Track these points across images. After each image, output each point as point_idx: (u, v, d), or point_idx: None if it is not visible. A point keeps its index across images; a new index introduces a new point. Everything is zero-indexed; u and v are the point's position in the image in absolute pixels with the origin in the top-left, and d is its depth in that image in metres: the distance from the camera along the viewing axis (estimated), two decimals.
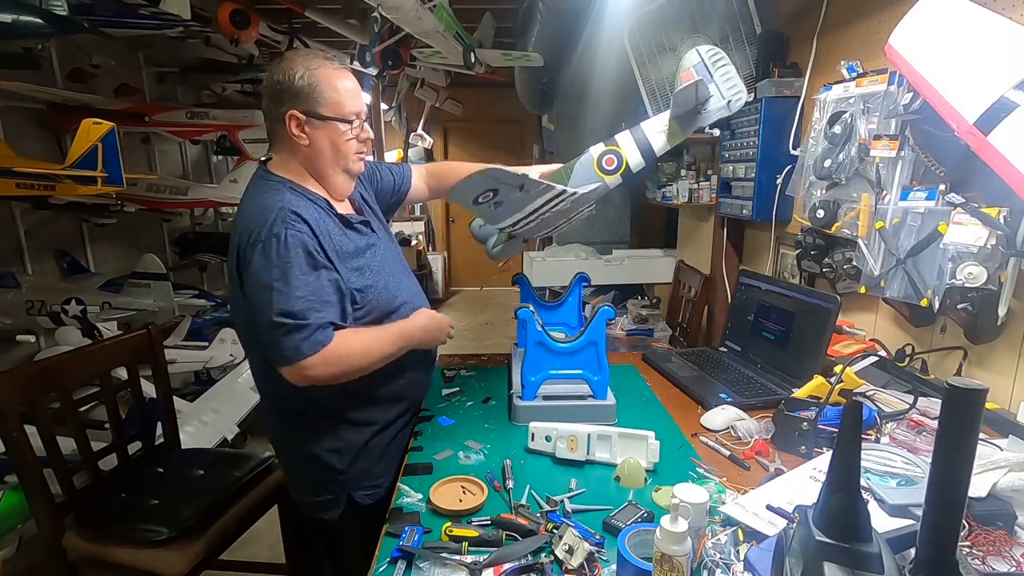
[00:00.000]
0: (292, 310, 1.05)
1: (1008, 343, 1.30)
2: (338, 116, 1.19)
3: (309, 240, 1.10)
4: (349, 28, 3.22)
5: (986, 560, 0.83)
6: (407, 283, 1.35)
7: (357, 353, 1.13)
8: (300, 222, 1.10)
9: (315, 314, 1.07)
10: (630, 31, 2.48)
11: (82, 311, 2.73)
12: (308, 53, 1.19)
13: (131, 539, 1.44)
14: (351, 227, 1.23)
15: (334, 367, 1.10)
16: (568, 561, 0.84)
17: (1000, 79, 1.11)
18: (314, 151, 1.19)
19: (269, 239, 1.08)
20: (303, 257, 1.08)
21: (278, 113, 1.16)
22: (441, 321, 1.33)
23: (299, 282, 1.07)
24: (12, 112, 2.70)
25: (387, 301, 1.25)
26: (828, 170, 1.65)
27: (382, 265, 1.26)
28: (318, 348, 1.06)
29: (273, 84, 1.16)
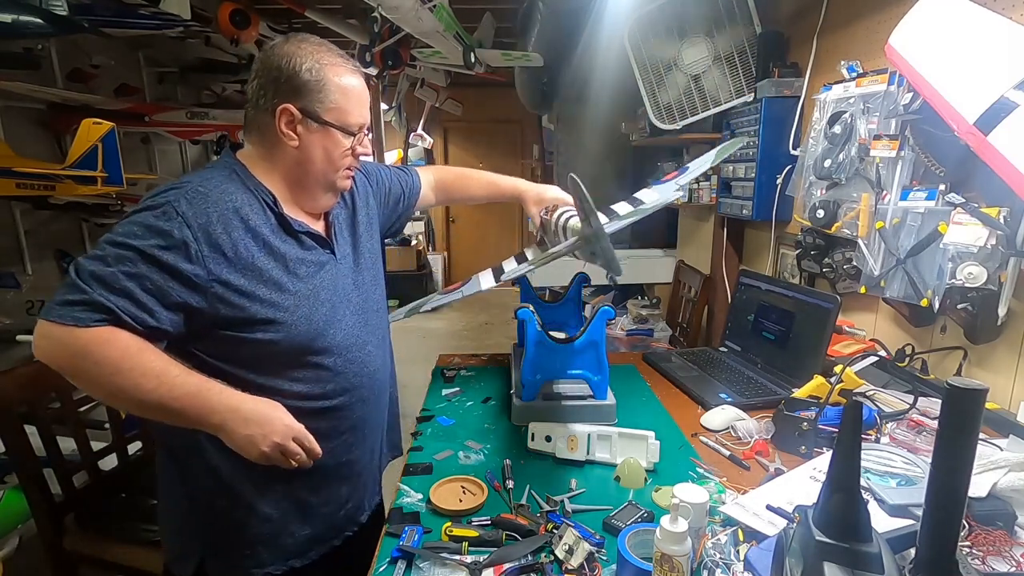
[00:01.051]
0: (86, 267, 0.84)
1: (1008, 343, 1.30)
2: (340, 124, 1.02)
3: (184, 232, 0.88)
4: (349, 28, 3.22)
5: (986, 560, 0.83)
6: (351, 323, 1.07)
7: (106, 362, 0.82)
8: (198, 203, 0.91)
9: (99, 292, 0.83)
10: (630, 31, 2.48)
11: None
12: (319, 43, 1.01)
13: (131, 539, 1.44)
14: (293, 235, 1.02)
15: (62, 354, 0.84)
16: (568, 561, 0.84)
17: (1000, 79, 1.11)
18: (302, 156, 1.01)
19: (145, 205, 0.90)
20: (156, 243, 0.86)
21: (268, 102, 0.98)
22: (277, 424, 0.91)
23: (124, 256, 0.85)
24: (12, 112, 2.70)
25: (306, 337, 0.99)
26: (828, 170, 1.65)
27: (315, 291, 1.01)
28: (63, 320, 0.81)
29: (270, 68, 0.98)
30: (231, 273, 0.91)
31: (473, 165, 7.03)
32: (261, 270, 0.95)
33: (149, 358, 0.85)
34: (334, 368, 1.04)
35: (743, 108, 2.31)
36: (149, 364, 0.84)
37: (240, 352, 0.95)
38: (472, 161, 7.05)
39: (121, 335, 0.84)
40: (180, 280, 0.87)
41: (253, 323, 0.93)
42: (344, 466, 1.09)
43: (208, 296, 0.90)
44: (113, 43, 3.07)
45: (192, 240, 0.88)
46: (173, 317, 0.88)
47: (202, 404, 0.87)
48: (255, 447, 0.89)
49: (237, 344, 0.94)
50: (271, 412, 0.91)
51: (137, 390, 0.84)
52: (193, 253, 0.88)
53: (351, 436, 1.09)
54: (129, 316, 0.84)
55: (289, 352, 0.98)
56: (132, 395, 0.84)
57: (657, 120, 2.56)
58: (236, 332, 0.93)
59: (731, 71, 2.35)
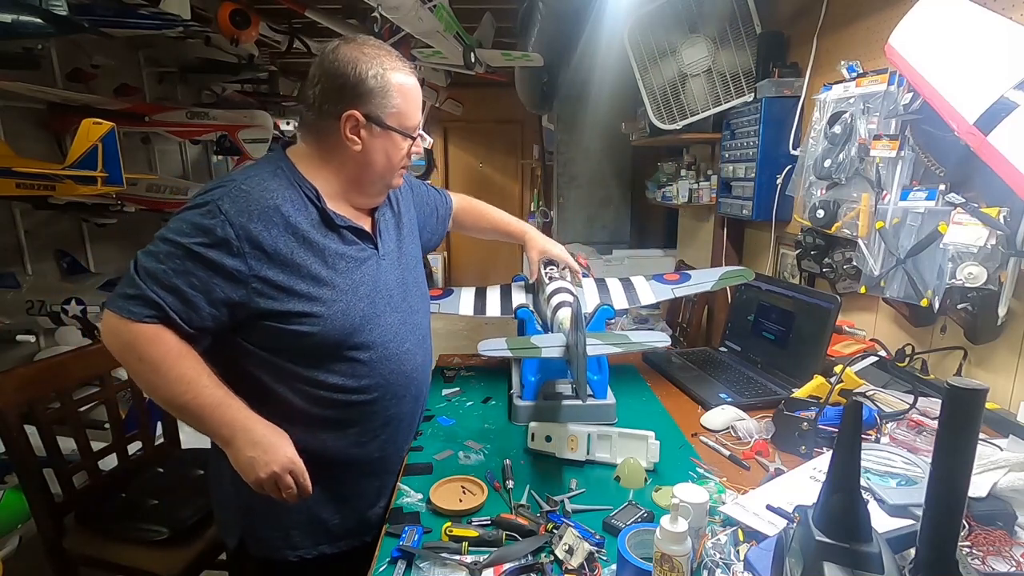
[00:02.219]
0: (142, 263, 0.94)
1: (1008, 343, 1.30)
2: (401, 128, 1.06)
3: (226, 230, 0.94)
4: (349, 28, 3.22)
5: (986, 560, 0.83)
6: (392, 320, 1.10)
7: (149, 359, 0.92)
8: (240, 201, 0.96)
9: (151, 288, 0.92)
10: (630, 31, 2.48)
11: (82, 311, 2.73)
12: (378, 47, 1.04)
13: (131, 539, 1.44)
14: (335, 230, 1.05)
15: (115, 343, 0.94)
16: (568, 561, 0.84)
17: (1000, 79, 1.11)
18: (363, 159, 1.05)
19: (193, 203, 0.97)
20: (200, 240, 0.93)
21: (332, 108, 1.02)
22: (280, 454, 0.95)
23: (173, 253, 0.93)
24: (12, 112, 2.70)
25: (342, 332, 1.02)
26: (828, 170, 1.65)
27: (355, 287, 1.05)
28: (119, 312, 0.92)
29: (334, 75, 1.01)
30: (270, 269, 0.97)
31: (473, 165, 7.04)
32: (299, 265, 0.99)
33: (186, 364, 0.94)
34: (370, 363, 1.07)
35: (743, 108, 2.31)
36: (184, 370, 0.93)
37: (281, 342, 1.00)
38: (472, 161, 7.05)
39: (167, 337, 0.93)
40: (223, 275, 0.94)
41: (291, 316, 0.98)
42: (376, 462, 1.13)
43: (248, 290, 0.96)
44: (113, 43, 3.07)
45: (234, 238, 0.94)
46: (216, 312, 0.95)
47: (220, 416, 0.94)
48: (254, 471, 0.95)
49: (278, 334, 0.99)
50: (278, 441, 0.97)
51: (169, 391, 0.93)
52: (235, 249, 0.94)
53: (383, 432, 1.12)
54: (176, 313, 0.93)
55: (326, 345, 1.02)
56: (164, 394, 0.94)
57: (657, 120, 2.56)
58: (276, 323, 0.98)
59: (731, 71, 2.35)
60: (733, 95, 2.36)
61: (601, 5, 2.55)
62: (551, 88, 4.45)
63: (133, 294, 0.92)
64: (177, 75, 3.80)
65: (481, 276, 7.45)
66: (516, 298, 1.53)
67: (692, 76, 2.42)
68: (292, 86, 5.30)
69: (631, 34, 2.49)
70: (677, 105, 2.49)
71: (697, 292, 1.58)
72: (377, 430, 1.11)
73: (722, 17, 2.32)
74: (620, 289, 1.53)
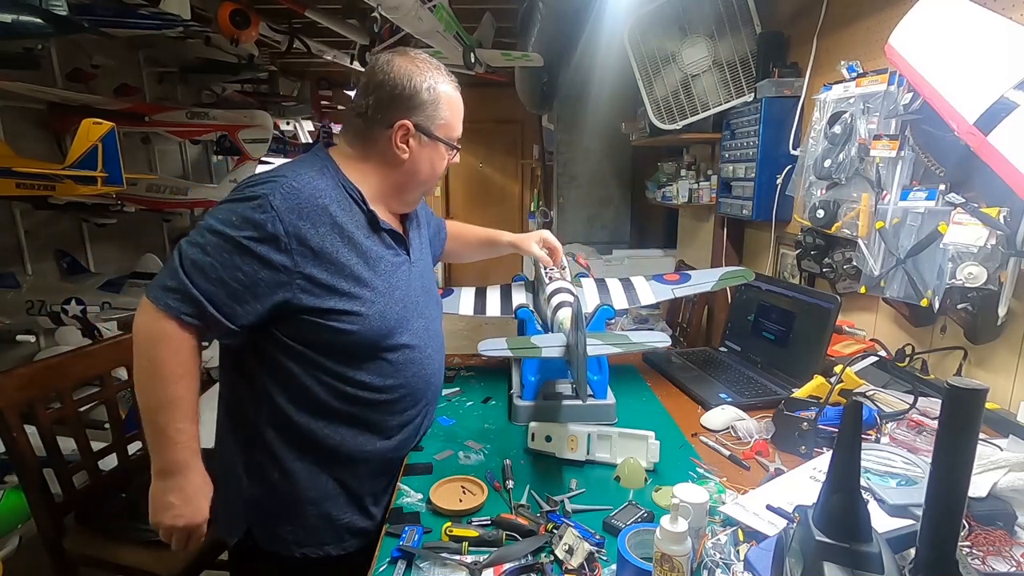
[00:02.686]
0: (188, 255, 0.93)
1: (1008, 343, 1.30)
2: (447, 139, 1.12)
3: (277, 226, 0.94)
4: (349, 28, 3.22)
5: (986, 560, 0.83)
6: (420, 326, 1.15)
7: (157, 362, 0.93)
8: (291, 198, 0.96)
9: (195, 281, 0.92)
10: (630, 31, 2.48)
11: (82, 311, 2.73)
12: (429, 61, 1.09)
13: (131, 539, 1.44)
14: (378, 232, 1.09)
15: (146, 330, 0.94)
16: (568, 561, 0.84)
17: (1000, 79, 1.11)
18: (410, 167, 1.10)
19: (243, 195, 0.97)
20: (251, 235, 0.93)
21: (384, 117, 1.05)
22: (194, 513, 0.99)
23: (222, 246, 0.93)
24: (12, 112, 2.70)
25: (379, 333, 1.06)
26: (828, 170, 1.65)
27: (392, 289, 1.08)
28: (157, 302, 0.92)
29: (390, 86, 1.04)
30: (315, 266, 0.98)
31: (473, 165, 7.03)
32: (343, 264, 1.01)
33: (182, 387, 0.95)
34: (397, 364, 1.10)
35: (743, 108, 2.31)
36: (177, 392, 0.95)
37: (319, 336, 1.02)
38: (472, 161, 7.05)
39: (186, 349, 0.95)
40: (269, 270, 0.95)
41: (332, 313, 1.00)
42: (388, 462, 1.15)
43: (293, 286, 0.97)
44: (113, 43, 3.07)
45: (283, 234, 0.95)
46: (259, 308, 0.96)
47: (173, 453, 0.96)
48: (165, 513, 0.99)
49: (317, 329, 1.01)
50: (199, 499, 1.00)
51: (152, 400, 0.95)
52: (283, 245, 0.95)
53: (399, 432, 1.15)
54: (217, 308, 0.93)
55: (362, 344, 1.05)
56: (145, 400, 0.95)
57: (657, 120, 2.56)
58: (316, 319, 1.00)
59: (731, 71, 2.35)
60: (733, 95, 2.36)
61: (601, 5, 2.55)
62: (551, 88, 4.45)
63: (174, 287, 0.93)
64: (177, 75, 3.81)
65: (481, 276, 7.45)
66: (516, 298, 1.53)
67: (692, 76, 2.42)
68: (292, 86, 5.31)
69: (631, 34, 2.49)
70: (677, 105, 2.49)
71: (697, 292, 1.58)
72: (394, 430, 1.13)
73: (722, 17, 2.32)
74: (620, 289, 1.53)
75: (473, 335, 5.62)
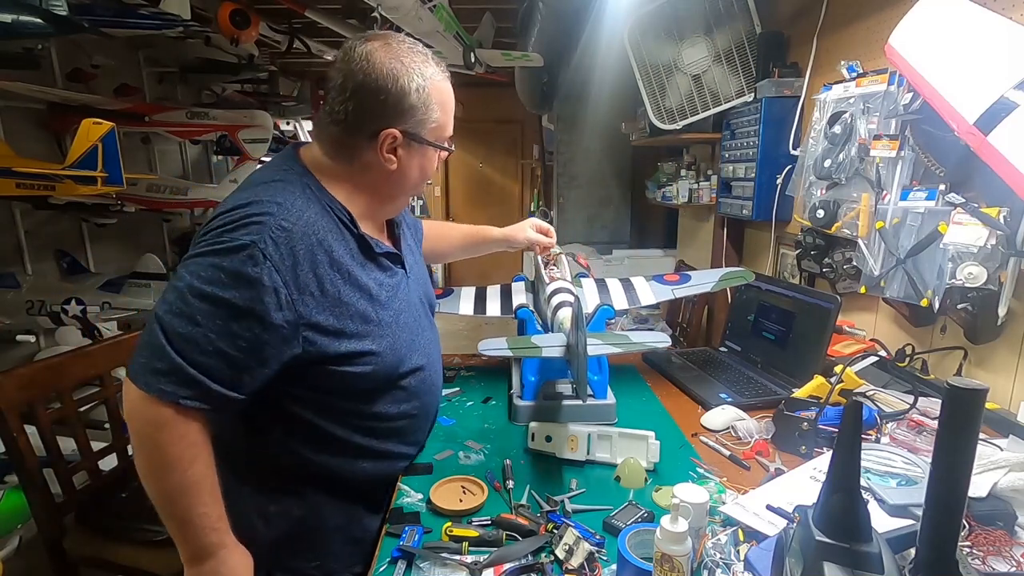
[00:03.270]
0: (175, 329, 0.80)
1: (1008, 343, 1.30)
2: (438, 141, 0.99)
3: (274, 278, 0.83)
4: (349, 28, 3.22)
5: (986, 560, 0.83)
6: (424, 341, 1.08)
7: (166, 452, 0.81)
8: (284, 243, 0.84)
9: (190, 358, 0.80)
10: (630, 31, 2.48)
11: (82, 311, 2.73)
12: (414, 50, 0.94)
13: (131, 539, 1.44)
14: (374, 259, 0.99)
15: (141, 420, 0.82)
16: (568, 561, 0.84)
17: (1000, 79, 1.11)
18: (398, 176, 0.97)
19: (226, 245, 0.82)
20: (246, 295, 0.81)
21: (368, 127, 0.92)
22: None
23: (213, 312, 0.80)
24: (12, 112, 2.70)
25: (393, 366, 0.99)
26: (828, 170, 1.65)
27: (397, 316, 1.00)
28: (148, 390, 0.79)
29: (373, 90, 0.89)
30: (320, 313, 0.89)
31: (473, 165, 7.03)
32: (347, 304, 0.92)
33: (198, 470, 0.83)
34: (410, 389, 1.05)
35: (743, 108, 2.31)
36: (193, 477, 0.83)
37: (331, 383, 0.94)
38: (472, 161, 7.05)
39: (190, 433, 0.82)
40: (272, 330, 0.84)
41: (344, 358, 0.92)
42: (399, 471, 1.12)
43: (300, 341, 0.87)
44: (113, 43, 3.07)
45: (282, 285, 0.84)
46: (267, 372, 0.86)
47: (202, 538, 0.86)
48: None
49: (330, 377, 0.93)
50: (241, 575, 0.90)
51: (166, 488, 0.83)
52: (283, 299, 0.84)
53: (415, 450, 1.14)
54: (220, 383, 0.82)
55: (377, 381, 0.98)
56: (158, 489, 0.84)
57: (657, 120, 2.56)
58: (329, 366, 0.92)
59: (731, 71, 2.35)
60: (733, 95, 2.36)
61: (601, 5, 2.55)
62: (551, 88, 4.45)
63: (164, 369, 0.79)
64: (177, 75, 3.81)
65: (481, 276, 7.44)
66: (516, 298, 1.53)
67: (692, 76, 2.42)
68: (292, 86, 5.31)
69: (631, 34, 2.48)
70: (677, 105, 2.49)
71: (697, 293, 1.58)
72: (409, 448, 1.12)
73: (722, 17, 2.32)
74: (620, 289, 1.53)
75: (473, 335, 5.62)
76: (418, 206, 6.76)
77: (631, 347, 1.15)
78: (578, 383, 1.02)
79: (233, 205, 0.88)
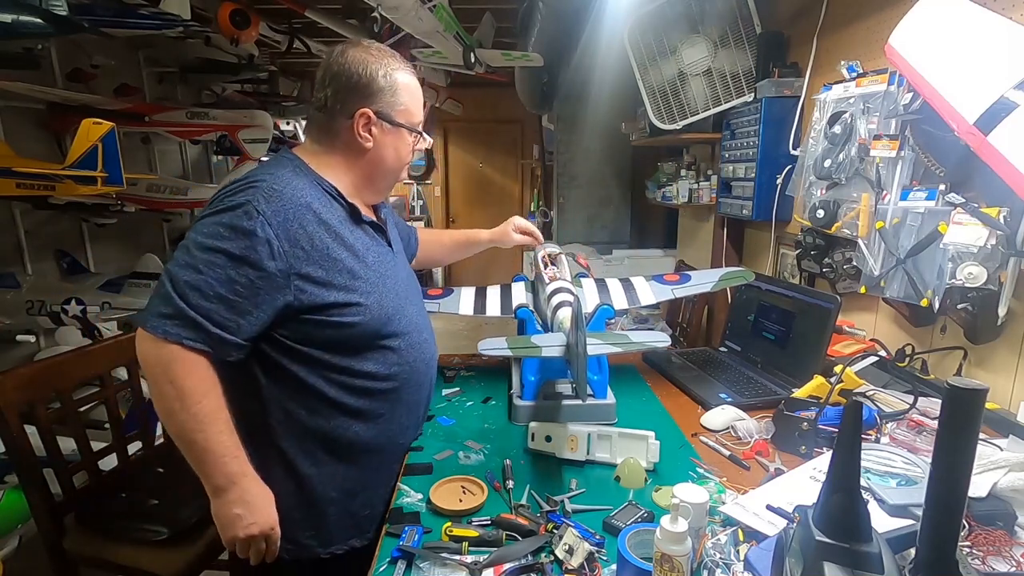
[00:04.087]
0: (180, 277, 0.91)
1: (1008, 343, 1.30)
2: (409, 124, 1.12)
3: (266, 230, 0.93)
4: (349, 28, 3.22)
5: (986, 560, 0.83)
6: (412, 313, 1.17)
7: (177, 386, 0.91)
8: (275, 201, 0.96)
9: (193, 303, 0.90)
10: (630, 31, 2.48)
11: (82, 311, 2.73)
12: (381, 49, 1.10)
13: (131, 539, 1.44)
14: (360, 224, 1.10)
15: (154, 361, 0.91)
16: (568, 561, 0.84)
17: (1000, 79, 1.11)
18: (375, 155, 1.10)
19: (225, 205, 0.94)
20: (242, 244, 0.92)
21: (344, 108, 1.06)
22: (264, 516, 0.97)
23: (214, 261, 0.91)
24: (12, 112, 2.70)
25: (379, 321, 1.07)
26: (828, 170, 1.65)
27: (382, 279, 1.10)
28: (155, 331, 0.90)
29: (347, 77, 1.05)
30: (309, 265, 0.98)
31: (473, 165, 7.04)
32: (336, 259, 1.02)
33: (210, 402, 0.93)
34: (398, 351, 1.12)
35: (743, 108, 2.31)
36: (206, 408, 0.92)
37: (321, 335, 1.02)
38: (472, 161, 7.05)
39: (201, 366, 0.92)
40: (266, 278, 0.94)
41: (332, 307, 1.01)
42: (398, 448, 1.18)
43: (291, 289, 0.97)
44: (113, 43, 3.06)
45: (274, 237, 0.94)
46: (263, 317, 0.95)
47: (222, 466, 0.94)
48: (234, 528, 0.96)
49: (319, 327, 1.01)
50: (266, 503, 0.99)
51: (184, 423, 0.92)
52: (276, 249, 0.94)
53: (406, 419, 1.17)
54: (220, 326, 0.92)
55: (365, 335, 1.06)
56: (177, 425, 0.93)
57: (657, 120, 2.56)
58: (317, 316, 1.00)
59: (731, 71, 2.35)
60: (733, 95, 2.36)
61: (601, 5, 2.55)
62: (551, 88, 4.45)
63: (170, 313, 0.90)
64: (177, 75, 3.80)
65: (481, 276, 7.44)
66: (516, 298, 1.53)
67: (692, 76, 2.42)
68: (292, 86, 5.30)
69: (631, 34, 2.49)
70: (677, 105, 2.49)
71: (697, 293, 1.58)
72: (401, 417, 1.15)
73: (722, 17, 2.32)
74: (620, 289, 1.53)
75: (473, 335, 5.61)
76: (418, 206, 6.77)
77: (631, 347, 1.15)
78: (578, 383, 1.03)
79: (231, 181, 1.03)
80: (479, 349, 1.14)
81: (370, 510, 1.12)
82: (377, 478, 1.13)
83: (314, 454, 1.06)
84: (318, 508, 1.08)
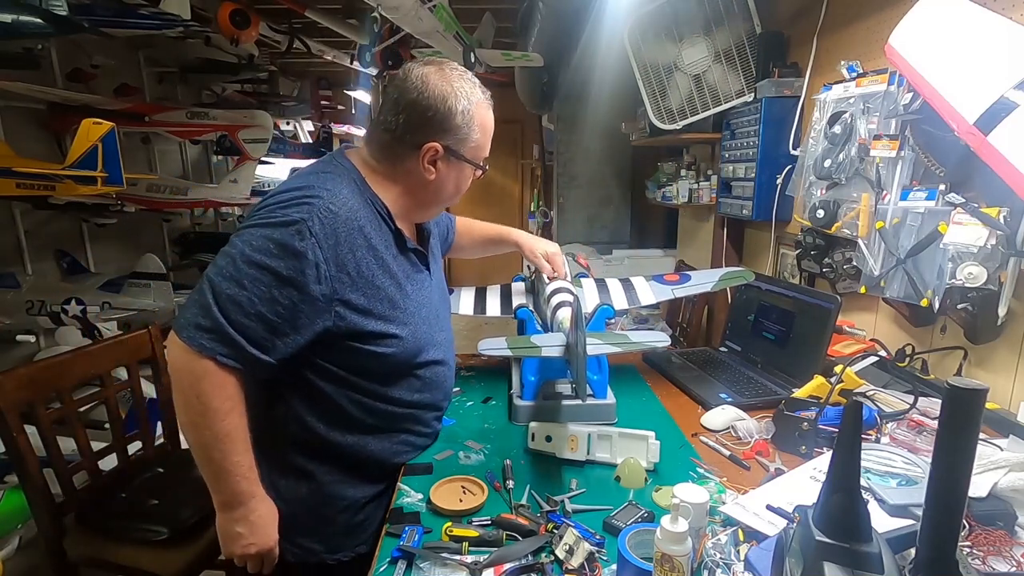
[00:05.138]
0: (223, 290, 0.88)
1: (1008, 343, 1.30)
2: (476, 161, 1.09)
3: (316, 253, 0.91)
4: (349, 28, 3.22)
5: (986, 560, 0.83)
6: (442, 339, 1.17)
7: (205, 401, 0.89)
8: (329, 223, 0.93)
9: (233, 319, 0.88)
10: (630, 31, 2.48)
11: (82, 311, 2.73)
12: (464, 78, 1.04)
13: (131, 539, 1.44)
14: (405, 252, 1.08)
15: (184, 370, 0.90)
16: (568, 561, 0.84)
17: (1000, 79, 1.11)
18: (435, 186, 1.07)
19: (278, 219, 0.91)
20: (291, 264, 0.89)
21: (412, 138, 1.02)
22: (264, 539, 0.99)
23: (259, 278, 0.89)
24: (12, 112, 2.70)
25: (412, 353, 1.07)
26: (828, 170, 1.65)
27: (419, 308, 1.09)
28: (191, 343, 0.88)
29: (423, 106, 1.00)
30: (352, 292, 0.97)
31: None
32: (379, 288, 1.01)
33: (232, 421, 0.92)
34: (425, 379, 1.12)
35: (743, 108, 2.31)
36: (228, 427, 0.92)
37: (355, 360, 1.02)
38: None
39: (231, 385, 0.91)
40: (309, 301, 0.92)
41: (370, 336, 1.00)
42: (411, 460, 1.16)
43: (332, 314, 0.96)
44: (113, 43, 3.07)
45: (323, 260, 0.92)
46: (299, 339, 0.94)
47: (234, 485, 0.95)
48: (235, 544, 0.98)
49: (355, 353, 1.01)
50: (267, 525, 0.99)
51: (205, 438, 0.92)
52: (322, 273, 0.92)
53: (421, 440, 1.18)
54: (256, 345, 0.90)
55: (396, 364, 1.06)
56: (197, 439, 0.93)
57: (657, 120, 2.56)
58: (355, 343, 1.00)
59: (731, 71, 2.35)
60: (733, 95, 2.36)
61: (601, 5, 2.55)
62: (551, 88, 4.44)
63: (208, 326, 0.88)
64: (177, 75, 3.81)
65: (481, 276, 7.42)
66: (516, 298, 1.54)
67: (692, 76, 2.42)
68: (292, 86, 5.31)
69: (631, 34, 2.48)
70: (677, 105, 2.49)
71: (697, 293, 1.59)
72: (417, 439, 1.16)
73: (722, 17, 2.32)
74: (620, 289, 1.53)
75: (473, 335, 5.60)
76: None
77: (631, 347, 1.15)
78: (578, 383, 1.03)
79: (288, 187, 0.98)
80: (479, 349, 1.14)
81: (379, 522, 1.11)
82: (389, 490, 1.12)
83: (326, 465, 1.06)
84: (326, 516, 1.08)
